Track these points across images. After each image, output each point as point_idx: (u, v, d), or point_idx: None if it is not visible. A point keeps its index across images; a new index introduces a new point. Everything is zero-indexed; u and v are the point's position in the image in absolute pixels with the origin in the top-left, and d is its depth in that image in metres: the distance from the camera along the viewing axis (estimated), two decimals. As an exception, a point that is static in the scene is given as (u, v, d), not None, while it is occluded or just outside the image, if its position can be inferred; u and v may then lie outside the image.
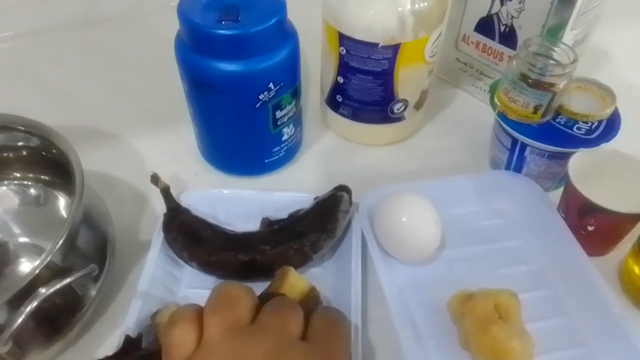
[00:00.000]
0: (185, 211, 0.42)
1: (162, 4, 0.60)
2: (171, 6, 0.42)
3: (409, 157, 0.53)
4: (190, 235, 0.41)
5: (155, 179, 0.43)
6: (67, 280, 0.31)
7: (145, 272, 0.39)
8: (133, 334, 0.35)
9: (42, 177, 0.44)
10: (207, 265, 0.41)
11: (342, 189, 0.44)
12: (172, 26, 0.43)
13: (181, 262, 0.42)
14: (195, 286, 0.42)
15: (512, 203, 0.47)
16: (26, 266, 0.43)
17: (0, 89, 0.60)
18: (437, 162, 0.53)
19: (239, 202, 0.45)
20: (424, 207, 0.42)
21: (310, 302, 0.37)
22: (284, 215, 0.43)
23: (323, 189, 0.46)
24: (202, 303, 0.37)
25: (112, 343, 0.36)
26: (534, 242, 0.45)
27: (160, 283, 0.40)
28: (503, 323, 0.37)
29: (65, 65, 0.65)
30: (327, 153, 0.54)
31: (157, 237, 0.42)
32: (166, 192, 0.43)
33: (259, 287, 0.38)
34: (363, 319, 0.39)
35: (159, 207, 0.48)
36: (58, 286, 0.31)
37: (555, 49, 0.45)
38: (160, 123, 0.56)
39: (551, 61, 0.45)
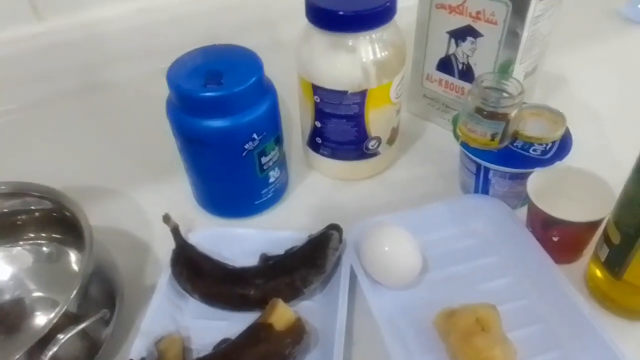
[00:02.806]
0: (191, 248, 0.47)
1: (154, 67, 0.65)
2: (162, 69, 0.48)
3: (386, 189, 0.58)
4: (193, 269, 0.45)
5: (166, 219, 0.48)
6: (82, 325, 0.35)
7: (154, 302, 0.43)
8: (136, 358, 0.39)
9: (54, 235, 0.48)
10: (208, 297, 0.45)
11: (333, 227, 0.48)
12: (164, 88, 0.48)
13: (186, 294, 0.46)
14: (197, 316, 0.45)
15: (484, 223, 0.51)
16: (42, 319, 0.47)
17: (10, 156, 0.65)
18: (412, 191, 0.57)
19: (240, 240, 0.49)
20: (403, 236, 0.46)
21: (296, 331, 0.41)
22: (281, 251, 0.48)
23: (310, 224, 0.50)
24: (203, 332, 0.41)
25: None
26: (507, 257, 0.49)
27: (166, 312, 0.44)
28: (485, 334, 0.40)
29: (68, 129, 0.70)
30: (312, 191, 0.59)
31: (166, 271, 0.46)
32: (175, 231, 0.47)
33: (253, 318, 0.42)
34: (348, 343, 0.42)
35: (162, 254, 0.52)
36: (74, 331, 0.35)
37: (506, 82, 0.51)
38: (157, 177, 0.61)
39: (503, 93, 0.50)
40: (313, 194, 0.58)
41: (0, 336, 0.45)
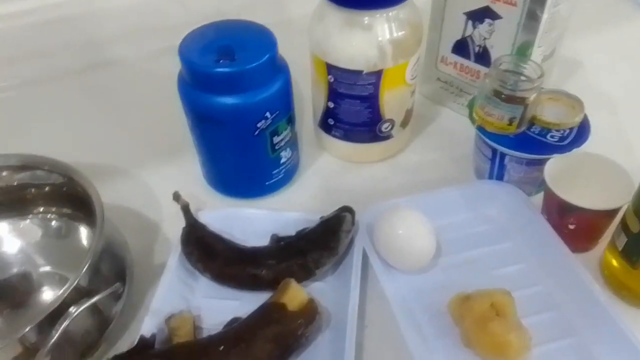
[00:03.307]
0: (202, 227, 0.47)
1: (161, 46, 0.64)
2: (169, 48, 0.47)
3: (399, 172, 0.57)
4: (205, 249, 0.45)
5: (176, 197, 0.47)
6: (96, 299, 0.35)
7: (164, 281, 0.43)
8: (147, 335, 0.39)
9: (64, 210, 0.48)
10: (219, 277, 0.45)
11: (346, 209, 0.47)
12: (171, 66, 0.47)
13: (196, 273, 0.46)
14: (208, 296, 0.45)
15: (499, 209, 0.50)
16: (48, 294, 0.47)
17: (13, 135, 0.65)
18: (425, 175, 0.57)
19: (251, 221, 0.49)
20: (418, 220, 0.45)
21: (309, 312, 0.40)
22: (292, 232, 0.47)
23: (321, 207, 0.50)
24: (214, 312, 0.41)
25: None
26: (522, 244, 0.48)
27: (177, 291, 0.44)
28: (500, 319, 0.40)
29: (74, 108, 0.69)
30: (323, 173, 0.58)
31: (175, 250, 0.46)
32: (185, 209, 0.47)
33: (264, 298, 0.42)
34: (360, 326, 0.42)
35: (171, 233, 0.52)
36: (87, 304, 0.35)
37: (524, 65, 0.49)
38: (166, 156, 0.60)
39: (521, 77, 0.49)
40: (324, 176, 0.58)
41: (6, 310, 0.45)
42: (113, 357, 0.37)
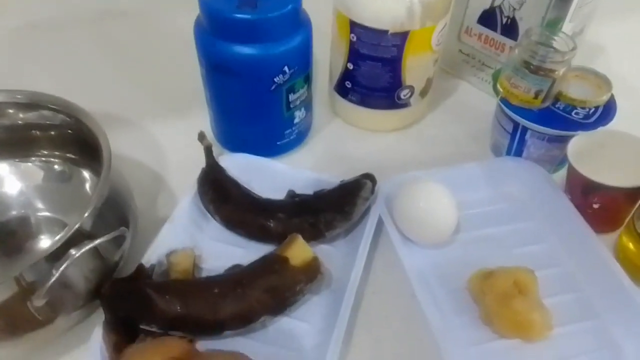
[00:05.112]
0: (221, 170, 0.46)
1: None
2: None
3: (413, 144, 0.56)
4: (219, 191, 0.44)
5: (201, 137, 0.46)
6: (99, 241, 0.33)
7: (174, 216, 0.43)
8: (146, 264, 0.39)
9: (68, 155, 0.46)
10: (229, 221, 0.44)
11: (367, 176, 0.45)
12: (185, 18, 0.45)
13: (208, 215, 0.45)
14: (215, 239, 0.45)
15: (520, 187, 0.49)
16: (47, 241, 0.45)
17: (21, 74, 0.62)
18: (441, 149, 0.55)
19: (271, 173, 0.48)
20: (441, 193, 0.44)
21: (311, 270, 0.39)
22: (309, 192, 0.46)
23: (330, 172, 0.48)
24: (218, 256, 0.41)
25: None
26: (543, 223, 0.47)
27: (186, 228, 0.44)
28: (523, 297, 0.39)
29: (86, 55, 0.67)
30: (335, 139, 0.56)
31: (191, 189, 0.45)
32: (208, 150, 0.46)
33: (270, 250, 0.41)
34: (364, 293, 0.42)
35: (176, 187, 0.51)
36: (89, 246, 0.33)
37: (555, 38, 0.48)
38: (174, 110, 0.58)
39: (551, 49, 0.47)
40: (336, 142, 0.56)
41: (2, 255, 0.44)
42: (111, 281, 0.37)
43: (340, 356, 0.36)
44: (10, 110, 0.43)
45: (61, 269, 0.32)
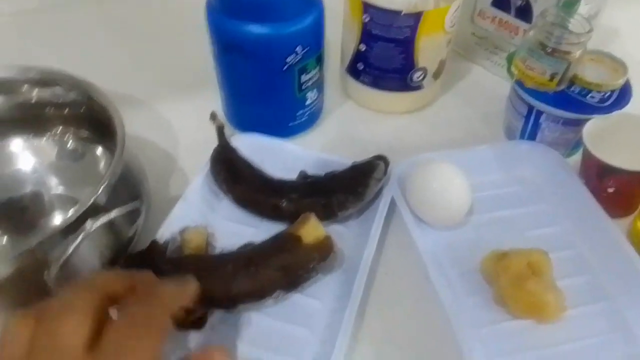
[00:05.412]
0: (233, 150, 0.46)
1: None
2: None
3: (426, 126, 0.55)
4: (232, 171, 0.44)
5: (213, 116, 0.47)
6: (114, 213, 0.34)
7: (186, 194, 0.43)
8: (160, 241, 0.39)
9: (81, 132, 0.46)
10: (241, 201, 0.44)
11: (380, 158, 0.45)
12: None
13: (220, 194, 0.45)
14: (227, 218, 0.45)
15: (534, 170, 0.49)
16: (59, 218, 0.45)
17: (30, 54, 0.62)
18: (453, 132, 0.55)
19: (283, 154, 0.48)
20: (454, 174, 0.43)
21: (323, 248, 0.39)
22: (321, 173, 0.46)
23: (342, 154, 0.48)
24: (230, 234, 0.41)
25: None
26: (557, 206, 0.46)
27: (198, 207, 0.44)
28: (538, 279, 0.38)
29: (92, 35, 0.67)
30: (346, 121, 0.56)
31: (203, 169, 0.46)
32: (220, 130, 0.47)
33: (282, 229, 0.41)
34: (376, 273, 0.42)
35: (188, 167, 0.50)
36: (105, 219, 0.33)
37: (571, 19, 0.47)
38: (185, 90, 0.58)
39: (567, 31, 0.46)
40: (348, 124, 0.56)
41: (14, 232, 0.44)
42: (125, 256, 0.37)
43: (352, 335, 0.36)
44: (24, 88, 0.43)
45: (77, 241, 0.33)
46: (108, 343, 0.25)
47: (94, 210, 0.35)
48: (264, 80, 0.46)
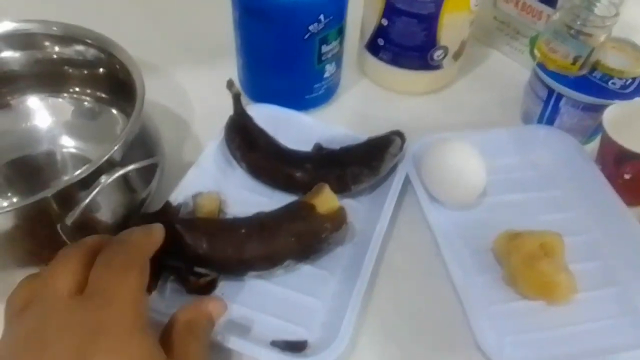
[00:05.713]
0: (249, 118, 0.45)
1: None
2: None
3: (443, 108, 0.55)
4: (246, 139, 0.44)
5: (230, 84, 0.46)
6: (130, 167, 0.33)
7: (200, 160, 0.43)
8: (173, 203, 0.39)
9: (99, 93, 0.45)
10: (255, 169, 0.44)
11: (396, 133, 0.45)
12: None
13: (234, 162, 0.45)
14: (240, 186, 0.45)
15: (550, 155, 0.48)
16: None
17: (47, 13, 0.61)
18: (470, 115, 0.54)
19: (298, 125, 0.48)
20: (470, 153, 0.43)
21: (337, 219, 0.39)
22: (336, 147, 0.45)
23: (357, 131, 0.47)
24: (242, 203, 0.42)
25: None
26: (572, 192, 0.46)
27: (211, 173, 0.44)
28: (550, 259, 0.38)
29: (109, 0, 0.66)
30: (362, 98, 0.55)
31: (218, 136, 0.45)
32: (237, 98, 0.46)
33: (293, 199, 0.41)
34: (387, 249, 0.42)
35: (202, 134, 0.50)
36: (120, 172, 0.33)
37: (597, 4, 0.46)
38: (202, 58, 0.58)
39: (593, 14, 0.46)
40: (363, 101, 0.55)
41: (29, 192, 0.44)
42: (139, 215, 0.37)
43: (361, 307, 0.36)
44: (46, 43, 0.42)
45: (93, 194, 0.33)
46: (91, 285, 0.27)
47: (110, 165, 0.34)
48: (284, 48, 0.46)
